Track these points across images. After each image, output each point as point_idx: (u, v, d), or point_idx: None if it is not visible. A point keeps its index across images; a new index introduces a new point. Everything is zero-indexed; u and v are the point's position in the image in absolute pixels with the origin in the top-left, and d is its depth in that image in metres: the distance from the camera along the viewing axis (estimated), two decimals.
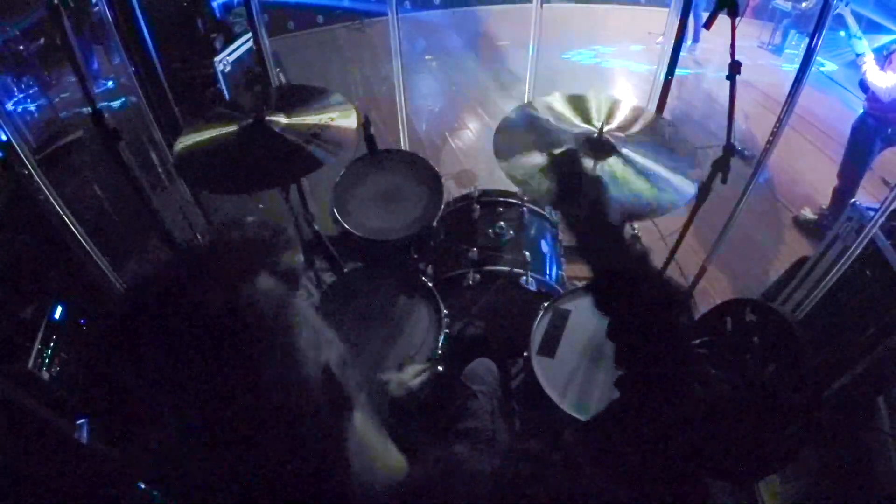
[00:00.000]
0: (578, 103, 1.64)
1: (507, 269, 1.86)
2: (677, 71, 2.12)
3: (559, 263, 2.07)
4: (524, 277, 1.82)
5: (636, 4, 6.50)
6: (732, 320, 1.48)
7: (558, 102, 1.64)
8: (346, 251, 1.98)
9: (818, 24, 1.76)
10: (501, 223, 1.93)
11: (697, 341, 1.42)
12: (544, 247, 2.02)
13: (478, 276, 1.82)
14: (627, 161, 1.44)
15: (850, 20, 2.68)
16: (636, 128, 1.56)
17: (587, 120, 1.57)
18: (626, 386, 0.77)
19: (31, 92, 2.60)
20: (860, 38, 2.75)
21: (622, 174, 1.40)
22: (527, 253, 1.88)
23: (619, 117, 1.60)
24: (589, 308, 1.67)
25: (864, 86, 2.84)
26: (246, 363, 0.48)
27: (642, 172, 1.41)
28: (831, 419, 1.67)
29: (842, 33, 4.51)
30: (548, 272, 1.96)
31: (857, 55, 2.77)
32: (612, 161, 1.43)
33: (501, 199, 2.04)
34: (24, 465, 1.38)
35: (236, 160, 1.55)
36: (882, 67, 2.69)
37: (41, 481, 1.39)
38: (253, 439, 0.48)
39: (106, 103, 2.75)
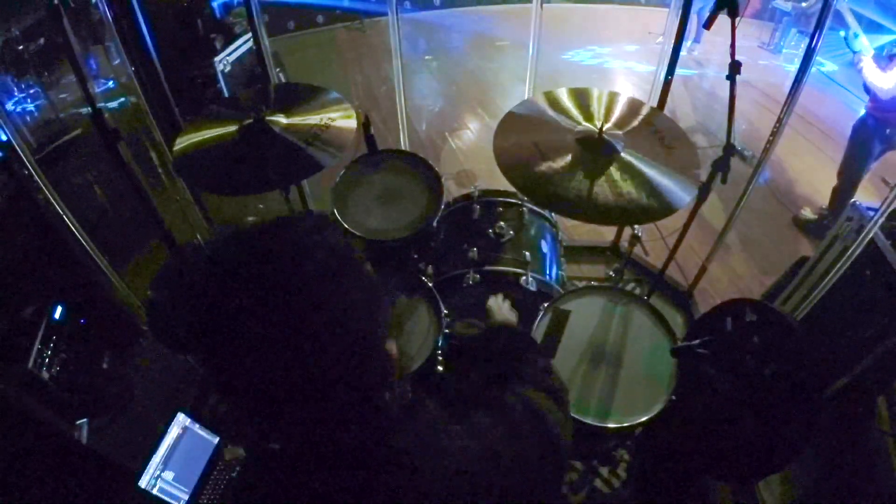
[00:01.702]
0: (579, 98, 1.64)
1: (506, 269, 1.86)
2: (677, 71, 2.12)
3: (559, 263, 2.07)
4: (524, 277, 1.82)
5: (636, 4, 6.50)
6: (732, 320, 1.47)
7: (560, 98, 1.64)
8: None
9: (818, 24, 1.76)
10: (501, 223, 1.93)
11: (697, 341, 1.41)
12: (544, 247, 2.02)
13: (477, 276, 1.82)
14: (627, 163, 1.44)
15: (850, 17, 2.66)
16: (635, 122, 1.56)
17: (588, 117, 1.57)
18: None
19: (31, 92, 2.59)
20: (858, 36, 2.73)
21: (621, 176, 1.41)
22: (527, 253, 1.88)
23: (618, 112, 1.60)
24: (589, 308, 1.68)
25: (867, 87, 2.83)
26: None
27: (642, 174, 1.41)
28: (831, 419, 1.67)
29: (842, 33, 4.52)
30: (548, 272, 1.96)
31: (854, 52, 2.74)
32: (611, 163, 1.43)
33: (501, 199, 2.04)
34: (24, 465, 1.38)
35: (236, 161, 1.55)
36: (884, 68, 2.68)
37: (41, 481, 1.40)
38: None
39: (106, 103, 2.74)
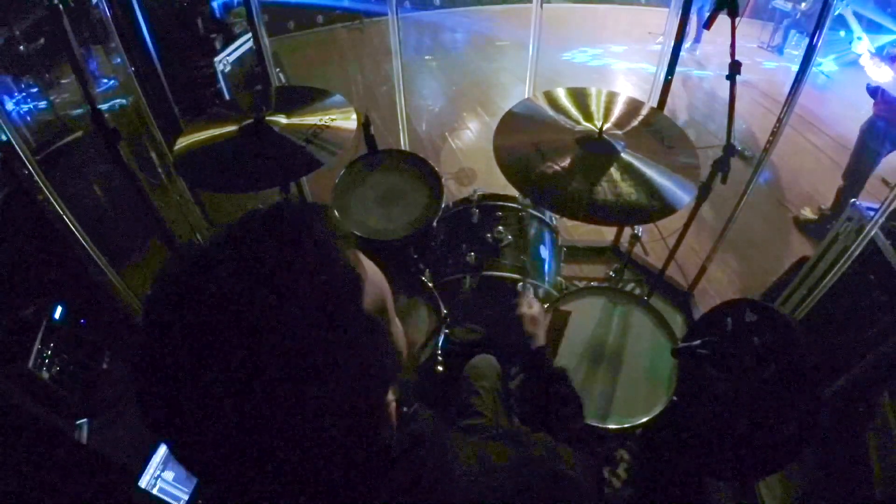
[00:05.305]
0: (579, 98, 1.64)
1: (504, 274, 1.83)
2: (677, 71, 2.12)
3: (558, 268, 2.04)
4: (521, 283, 1.80)
5: (636, 4, 6.51)
6: (732, 320, 1.47)
7: (560, 98, 1.64)
8: None
9: (818, 24, 1.76)
10: (500, 228, 1.90)
11: (698, 342, 1.41)
12: (543, 252, 1.99)
13: (474, 281, 1.80)
14: (627, 163, 1.44)
15: (852, 20, 2.68)
16: (635, 122, 1.56)
17: (587, 117, 1.57)
18: None
19: (31, 92, 2.60)
20: (860, 39, 2.74)
21: (621, 176, 1.41)
22: (524, 258, 1.85)
23: (618, 112, 1.60)
24: (589, 309, 1.68)
25: (871, 91, 2.83)
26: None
27: (642, 174, 1.41)
28: (831, 419, 1.67)
29: (842, 33, 4.53)
30: (546, 278, 1.93)
31: (859, 56, 2.75)
32: (611, 163, 1.43)
33: (501, 203, 2.00)
34: (24, 465, 1.38)
35: (236, 160, 1.55)
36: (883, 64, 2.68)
37: (41, 481, 1.39)
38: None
39: (106, 103, 2.74)
